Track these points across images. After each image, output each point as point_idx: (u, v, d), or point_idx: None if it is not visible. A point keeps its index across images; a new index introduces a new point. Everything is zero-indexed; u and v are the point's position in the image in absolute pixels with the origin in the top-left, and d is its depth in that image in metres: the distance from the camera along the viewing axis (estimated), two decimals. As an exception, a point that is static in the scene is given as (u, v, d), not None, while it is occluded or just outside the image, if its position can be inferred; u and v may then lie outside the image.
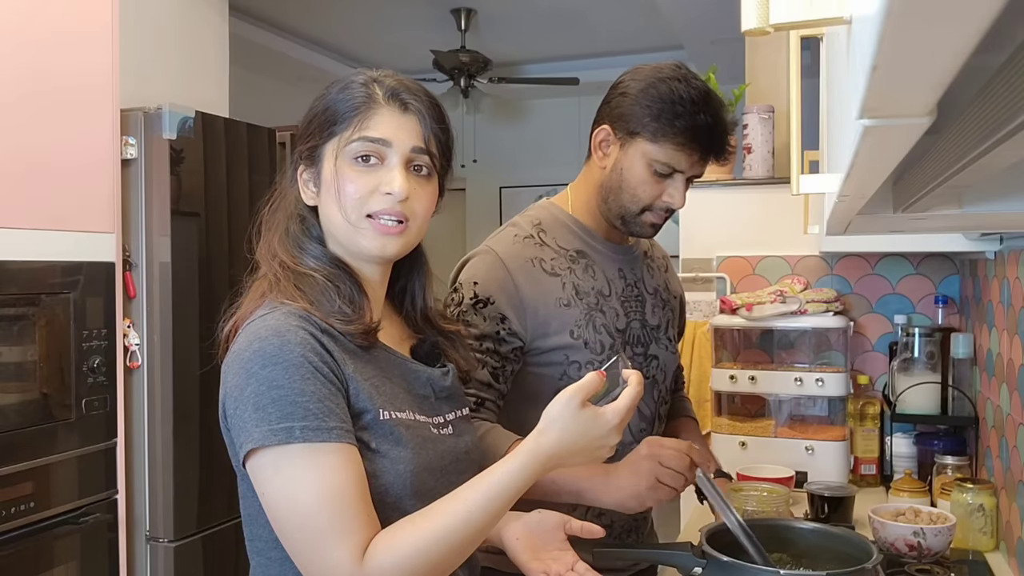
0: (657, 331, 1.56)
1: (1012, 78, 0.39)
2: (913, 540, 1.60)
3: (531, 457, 1.01)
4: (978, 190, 0.83)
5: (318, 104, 1.08)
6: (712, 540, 1.27)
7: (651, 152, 1.39)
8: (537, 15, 4.97)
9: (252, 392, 0.96)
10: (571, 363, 1.42)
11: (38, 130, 2.07)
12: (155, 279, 2.41)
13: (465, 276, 1.43)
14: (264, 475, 0.96)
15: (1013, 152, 0.48)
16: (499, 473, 1.00)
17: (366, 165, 1.05)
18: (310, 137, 1.08)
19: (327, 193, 1.06)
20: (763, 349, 2.48)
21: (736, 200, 2.61)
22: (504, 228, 1.50)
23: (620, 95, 1.42)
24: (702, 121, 1.37)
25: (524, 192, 6.46)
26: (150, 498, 2.42)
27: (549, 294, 1.42)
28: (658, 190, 1.41)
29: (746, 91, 2.79)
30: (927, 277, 2.42)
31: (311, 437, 0.94)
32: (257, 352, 0.97)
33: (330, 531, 0.94)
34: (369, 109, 1.05)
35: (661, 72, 1.40)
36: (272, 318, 1.01)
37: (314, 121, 1.08)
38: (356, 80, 1.08)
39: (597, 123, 1.46)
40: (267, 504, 0.97)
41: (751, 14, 0.53)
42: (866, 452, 2.28)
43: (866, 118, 0.44)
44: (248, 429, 0.96)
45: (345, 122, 1.05)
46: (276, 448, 0.94)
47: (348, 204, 1.04)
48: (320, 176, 1.07)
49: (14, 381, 2.01)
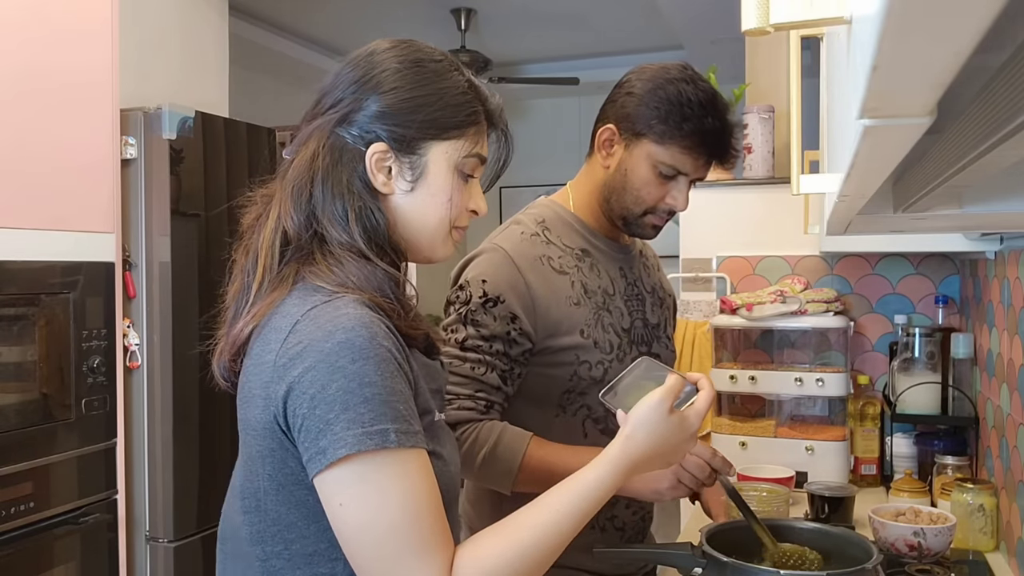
0: (657, 329, 1.56)
1: (1012, 78, 0.39)
2: (913, 540, 1.60)
3: (620, 463, 1.00)
4: (978, 190, 0.83)
5: (422, 93, 1.00)
6: (712, 540, 1.27)
7: (657, 154, 1.38)
8: (537, 15, 4.97)
9: (339, 389, 0.86)
10: (581, 363, 1.40)
11: (38, 130, 2.07)
12: (155, 279, 2.41)
13: (472, 274, 1.39)
14: (343, 484, 0.87)
15: (1013, 152, 0.48)
16: (587, 480, 0.98)
17: (468, 179, 1.04)
18: (407, 124, 0.99)
19: (429, 194, 1.01)
20: (763, 349, 2.48)
21: (736, 200, 2.61)
22: (508, 226, 1.48)
23: (627, 95, 1.41)
24: (710, 125, 1.36)
25: (525, 192, 6.44)
26: (150, 498, 2.42)
27: (559, 292, 1.40)
28: (662, 192, 1.41)
29: (746, 91, 2.79)
30: (927, 277, 2.42)
31: (404, 441, 0.87)
32: (343, 344, 0.87)
33: (418, 547, 0.87)
34: (482, 125, 1.04)
35: (668, 73, 1.39)
36: (348, 306, 0.91)
37: (420, 111, 0.99)
38: (462, 82, 1.03)
39: (601, 121, 1.45)
40: (343, 518, 0.88)
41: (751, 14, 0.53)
42: (866, 452, 2.28)
43: (866, 118, 0.44)
44: (335, 431, 0.85)
45: (460, 130, 1.01)
46: (367, 454, 0.85)
47: (454, 214, 1.02)
48: (425, 173, 1.00)
49: (14, 381, 2.01)
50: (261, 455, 0.93)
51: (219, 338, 1.05)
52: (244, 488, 0.98)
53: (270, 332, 0.94)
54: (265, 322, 0.95)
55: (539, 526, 0.93)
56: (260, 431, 0.93)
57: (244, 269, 1.02)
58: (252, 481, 0.96)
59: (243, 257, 1.02)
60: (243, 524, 0.98)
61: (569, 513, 0.95)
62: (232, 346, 1.00)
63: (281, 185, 1.02)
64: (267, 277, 0.98)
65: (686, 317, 2.63)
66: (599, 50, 5.66)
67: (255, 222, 1.03)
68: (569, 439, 1.38)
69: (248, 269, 1.01)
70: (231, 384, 1.03)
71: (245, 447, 0.98)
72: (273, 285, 0.97)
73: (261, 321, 0.96)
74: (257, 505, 0.95)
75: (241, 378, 0.99)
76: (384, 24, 5.08)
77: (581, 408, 1.42)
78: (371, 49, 1.04)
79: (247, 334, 0.97)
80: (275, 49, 5.14)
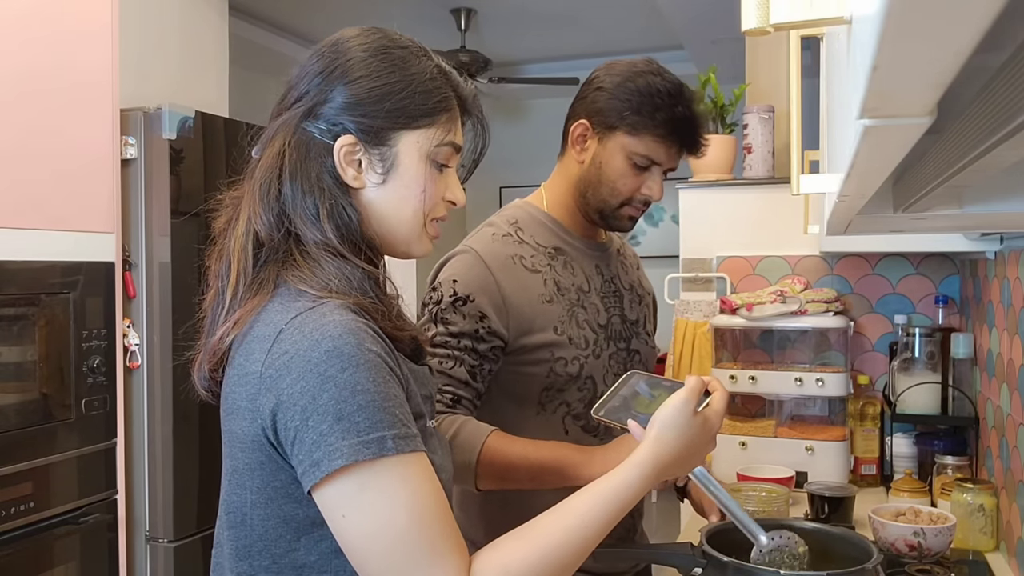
0: (636, 326, 1.57)
1: (1012, 78, 0.39)
2: (913, 540, 1.60)
3: (648, 466, 0.99)
4: (978, 190, 0.83)
5: (389, 81, 0.96)
6: (712, 540, 1.27)
7: (630, 145, 1.41)
8: (537, 15, 4.97)
9: (331, 399, 0.83)
10: (557, 359, 1.41)
11: (38, 130, 2.07)
12: (155, 279, 2.41)
13: (444, 275, 1.41)
14: (344, 495, 0.84)
15: (1013, 152, 0.48)
16: (616, 483, 0.96)
17: (443, 169, 1.01)
18: (375, 115, 0.96)
19: (401, 185, 0.97)
20: (763, 349, 2.48)
21: (736, 200, 2.61)
22: (481, 228, 1.50)
23: (596, 90, 1.45)
24: (680, 113, 1.40)
25: (524, 192, 6.41)
26: (150, 498, 2.42)
27: (531, 291, 1.42)
28: (637, 183, 1.44)
29: (746, 91, 2.79)
30: (927, 277, 2.42)
31: (403, 447, 0.84)
32: (331, 352, 0.84)
33: (429, 552, 0.84)
34: (455, 112, 1.01)
35: (636, 67, 1.43)
36: (333, 312, 0.88)
37: (388, 99, 0.96)
38: (431, 67, 1.00)
39: (573, 118, 1.48)
40: (347, 530, 0.85)
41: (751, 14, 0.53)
42: (866, 452, 2.28)
43: (866, 118, 0.44)
44: (330, 443, 0.82)
45: (430, 117, 0.97)
46: (365, 463, 0.82)
47: (428, 205, 0.99)
48: (396, 164, 0.97)
49: (14, 381, 2.01)
50: (249, 468, 0.90)
51: (197, 348, 1.01)
52: (229, 502, 0.94)
53: (253, 341, 0.90)
54: (247, 330, 0.92)
55: (565, 530, 0.91)
56: (247, 444, 0.90)
57: (218, 274, 0.98)
58: (238, 494, 0.92)
59: (216, 262, 0.99)
60: (227, 540, 0.94)
61: (596, 517, 0.93)
62: (212, 356, 0.96)
63: (249, 186, 0.99)
64: (242, 281, 0.94)
65: (686, 317, 2.63)
66: (599, 50, 5.66)
67: (227, 226, 0.99)
68: (550, 436, 1.39)
69: (222, 274, 0.97)
70: (212, 395, 1.00)
71: (231, 459, 0.94)
72: (252, 290, 0.94)
73: (243, 329, 0.92)
74: (243, 519, 0.92)
75: (224, 389, 0.95)
76: (383, 23, 5.06)
77: (561, 405, 1.44)
78: (336, 39, 1.01)
79: (228, 343, 0.94)
80: (275, 49, 5.14)
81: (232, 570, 0.94)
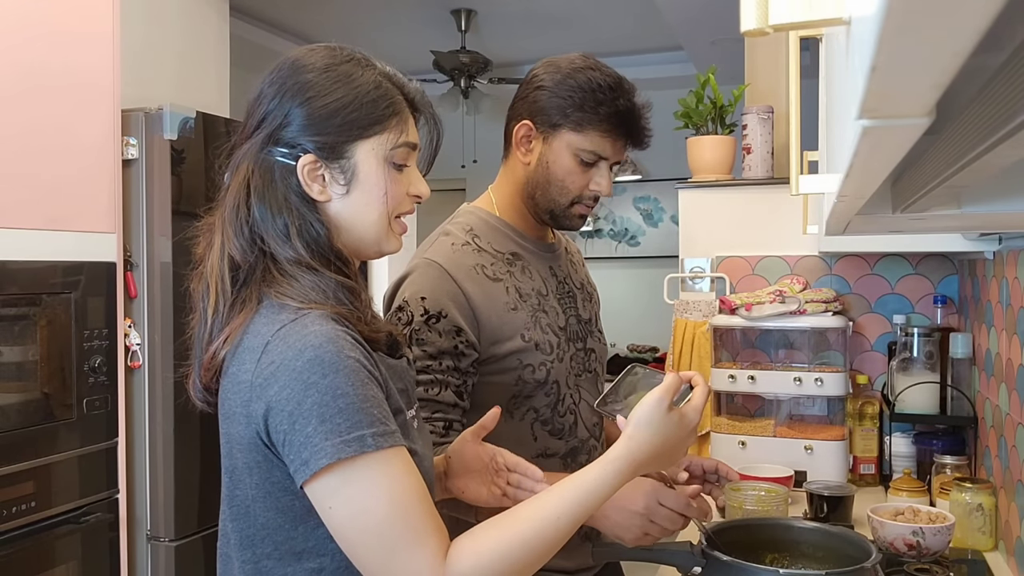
0: (590, 324, 1.57)
1: (1012, 78, 0.40)
2: (912, 539, 1.60)
3: (624, 463, 1.01)
4: (977, 190, 0.84)
5: (336, 97, 1.02)
6: (712, 540, 1.27)
7: (576, 142, 1.41)
8: (537, 16, 4.97)
9: (314, 403, 0.91)
10: (525, 367, 1.40)
11: (39, 130, 2.07)
12: (156, 279, 2.42)
13: (409, 292, 1.36)
14: (330, 489, 0.92)
15: (1013, 152, 0.48)
16: (590, 479, 1.00)
17: (402, 169, 1.06)
18: (328, 131, 1.01)
19: (363, 192, 1.03)
20: (762, 349, 2.49)
21: (735, 200, 2.61)
22: (437, 238, 1.46)
23: (537, 89, 1.43)
24: (623, 105, 1.40)
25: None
26: (151, 497, 2.42)
27: (497, 300, 1.40)
28: (585, 179, 1.43)
29: (746, 91, 2.79)
30: (926, 277, 2.42)
31: (382, 443, 0.92)
32: (313, 361, 0.92)
33: (409, 537, 0.92)
34: (404, 113, 1.06)
35: (574, 63, 1.43)
36: (314, 323, 0.95)
37: (338, 115, 1.01)
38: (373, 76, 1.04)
39: (514, 120, 1.46)
40: (335, 520, 0.93)
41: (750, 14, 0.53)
42: (865, 452, 2.28)
43: (865, 118, 0.44)
44: (315, 443, 0.90)
45: (380, 124, 1.03)
46: (347, 460, 0.90)
47: (392, 206, 1.05)
48: (356, 173, 1.02)
49: (15, 381, 2.01)
50: (248, 467, 0.98)
51: (189, 366, 1.08)
52: (232, 496, 1.03)
53: (243, 352, 0.98)
54: (237, 342, 0.99)
55: (537, 520, 0.96)
56: (245, 445, 0.98)
57: (201, 296, 1.05)
58: (240, 490, 1.01)
59: (198, 285, 1.06)
60: (232, 531, 1.03)
61: (568, 510, 0.97)
62: (207, 371, 1.03)
63: (220, 212, 1.06)
64: (222, 302, 1.02)
65: (686, 317, 2.63)
66: (599, 51, 5.63)
67: (206, 250, 1.07)
68: (518, 444, 1.34)
69: (203, 296, 1.05)
70: (208, 404, 1.07)
71: (230, 459, 1.02)
72: (237, 308, 1.01)
73: (234, 343, 1.00)
74: (246, 512, 1.00)
75: (220, 395, 1.02)
76: (384, 25, 5.08)
77: (528, 412, 1.42)
78: (284, 61, 1.06)
79: (222, 358, 1.01)
80: (275, 49, 5.13)
81: (238, 558, 1.02)
